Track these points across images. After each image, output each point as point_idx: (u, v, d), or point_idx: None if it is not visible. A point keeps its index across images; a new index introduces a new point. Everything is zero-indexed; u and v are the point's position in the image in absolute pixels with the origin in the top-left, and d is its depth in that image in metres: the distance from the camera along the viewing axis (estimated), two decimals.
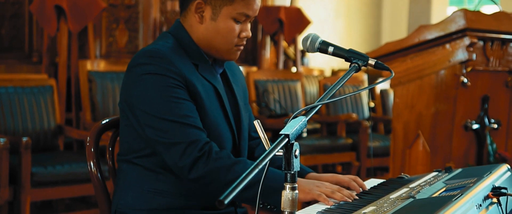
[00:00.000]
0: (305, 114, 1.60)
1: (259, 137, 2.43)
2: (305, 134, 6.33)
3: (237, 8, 2.18)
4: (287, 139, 1.46)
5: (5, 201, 4.31)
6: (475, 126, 3.61)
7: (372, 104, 7.65)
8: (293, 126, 1.50)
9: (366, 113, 6.99)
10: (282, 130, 1.47)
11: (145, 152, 2.19)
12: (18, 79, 5.01)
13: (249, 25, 2.25)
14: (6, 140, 4.30)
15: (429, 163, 3.60)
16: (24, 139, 4.35)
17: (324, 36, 2.04)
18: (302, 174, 2.34)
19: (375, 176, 2.47)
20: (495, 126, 3.68)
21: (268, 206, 2.04)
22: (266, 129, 5.65)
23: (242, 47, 2.26)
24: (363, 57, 1.96)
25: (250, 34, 2.26)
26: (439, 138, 3.59)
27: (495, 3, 4.04)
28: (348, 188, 2.16)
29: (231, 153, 2.23)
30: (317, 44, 2.01)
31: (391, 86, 3.78)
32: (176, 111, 2.09)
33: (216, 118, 2.21)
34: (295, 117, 1.57)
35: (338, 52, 1.99)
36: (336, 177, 2.21)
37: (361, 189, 2.16)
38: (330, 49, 2.00)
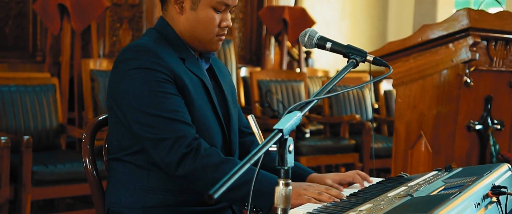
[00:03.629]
0: (300, 109, 1.57)
1: (251, 134, 2.42)
2: (307, 135, 6.30)
3: None
4: (280, 134, 1.43)
5: (6, 200, 4.30)
6: (478, 127, 3.58)
7: (376, 105, 7.62)
8: (287, 121, 1.47)
9: (370, 114, 6.96)
10: (276, 125, 1.44)
11: (135, 149, 2.17)
12: (20, 78, 5.00)
13: (229, 15, 2.25)
14: (7, 138, 4.29)
15: (431, 164, 3.57)
16: (26, 137, 4.34)
17: (329, 37, 2.01)
18: (304, 175, 2.31)
19: (377, 178, 2.46)
20: (498, 127, 3.65)
21: (254, 209, 2.00)
22: (268, 129, 5.63)
23: (223, 37, 2.26)
24: (361, 53, 1.93)
25: (231, 24, 2.26)
26: (441, 139, 3.55)
27: (500, 4, 4.01)
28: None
29: (222, 147, 2.21)
30: (315, 40, 1.99)
31: (394, 86, 3.74)
32: (163, 106, 2.06)
33: (205, 111, 2.18)
34: (289, 111, 1.54)
35: (336, 47, 1.97)
36: (340, 176, 2.20)
37: (365, 182, 2.18)
38: (328, 44, 1.98)
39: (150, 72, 2.08)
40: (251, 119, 1.61)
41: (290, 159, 1.45)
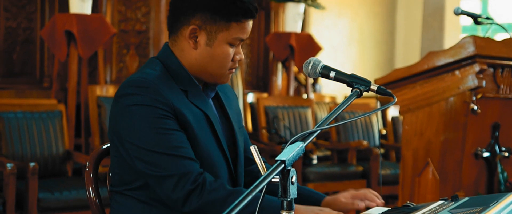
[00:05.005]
0: (303, 140, 1.56)
1: None
2: (315, 161, 6.28)
3: (233, 33, 2.15)
4: (283, 165, 1.42)
5: None
6: (486, 154, 3.55)
7: (383, 131, 7.59)
8: (290, 152, 1.46)
9: (377, 140, 6.93)
10: (279, 156, 1.43)
11: (137, 184, 2.14)
12: (27, 104, 5.00)
13: (240, 48, 2.23)
14: (13, 165, 4.29)
15: (439, 192, 3.54)
16: (32, 164, 4.33)
17: (337, 63, 2.02)
18: (318, 200, 2.28)
19: (385, 205, 2.43)
20: (506, 154, 3.62)
21: None
22: (275, 156, 5.61)
23: (234, 70, 2.24)
24: (365, 82, 1.92)
25: (243, 57, 2.24)
26: (448, 166, 3.53)
27: (507, 31, 4.01)
28: None
29: (227, 180, 2.18)
30: (318, 69, 1.98)
31: (401, 113, 3.74)
32: (165, 143, 2.04)
33: (208, 146, 2.15)
34: (292, 142, 1.53)
35: (340, 77, 1.96)
36: (351, 192, 2.19)
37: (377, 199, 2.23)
38: (332, 74, 1.97)
39: (150, 108, 2.06)
40: (253, 150, 1.59)
41: (293, 191, 1.44)
